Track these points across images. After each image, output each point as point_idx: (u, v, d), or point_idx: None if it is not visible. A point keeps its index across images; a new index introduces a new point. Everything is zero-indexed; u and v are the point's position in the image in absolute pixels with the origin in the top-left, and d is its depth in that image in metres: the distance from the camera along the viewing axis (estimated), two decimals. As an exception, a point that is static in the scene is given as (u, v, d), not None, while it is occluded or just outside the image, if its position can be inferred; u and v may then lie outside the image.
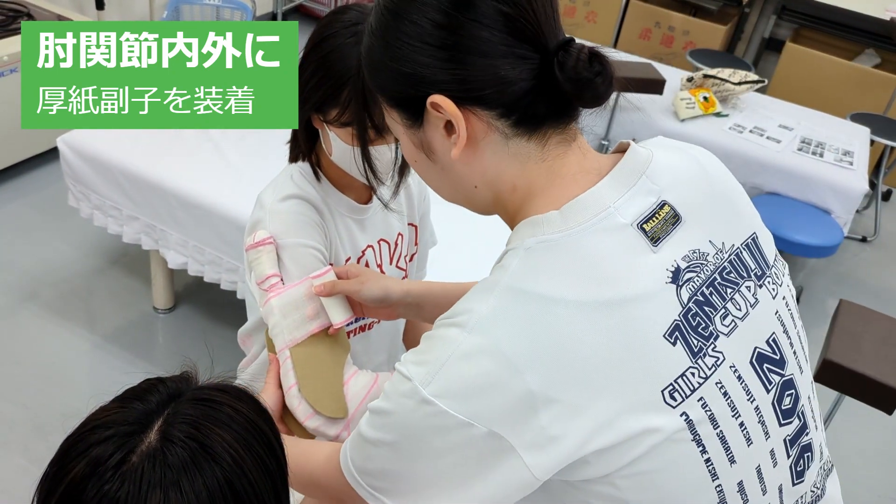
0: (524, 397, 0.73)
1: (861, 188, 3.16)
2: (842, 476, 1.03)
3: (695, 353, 0.77)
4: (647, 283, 0.76)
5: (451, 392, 0.75)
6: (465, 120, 0.77)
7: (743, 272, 0.85)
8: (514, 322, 0.74)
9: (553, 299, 0.74)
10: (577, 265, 0.76)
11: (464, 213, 2.31)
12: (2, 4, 3.36)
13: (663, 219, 0.79)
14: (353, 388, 1.11)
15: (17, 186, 3.35)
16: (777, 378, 0.86)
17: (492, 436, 0.74)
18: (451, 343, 0.76)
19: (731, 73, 3.50)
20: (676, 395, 0.76)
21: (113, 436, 0.66)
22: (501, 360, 0.73)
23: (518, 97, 0.76)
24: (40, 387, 2.49)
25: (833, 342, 2.02)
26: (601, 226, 0.77)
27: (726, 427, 0.79)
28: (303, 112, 1.15)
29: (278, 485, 0.72)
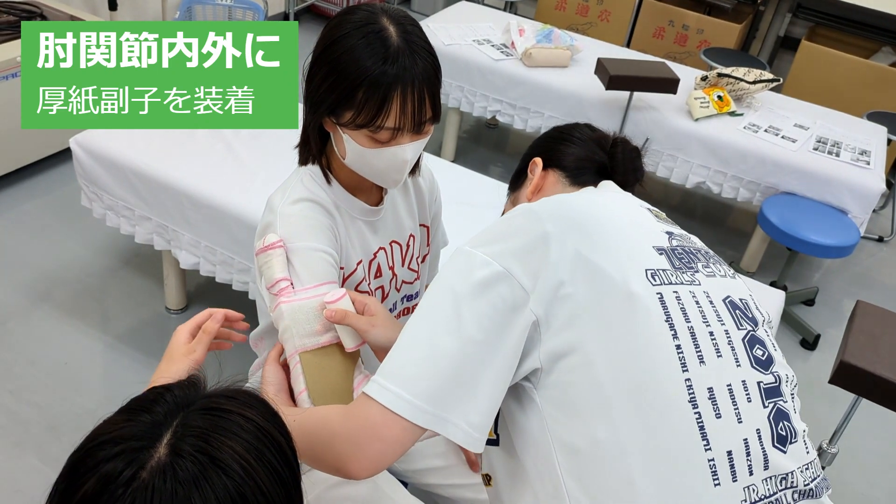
0: (539, 238, 0.91)
1: (878, 188, 3.12)
2: (859, 479, 1.02)
3: (675, 268, 0.95)
4: (651, 225, 1.01)
5: (486, 241, 0.94)
6: (543, 174, 1.22)
7: (719, 264, 1.05)
8: (553, 202, 0.97)
9: (585, 197, 1.02)
10: (604, 197, 1.09)
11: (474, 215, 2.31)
12: (15, 5, 3.38)
13: (661, 216, 1.07)
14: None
15: (30, 187, 3.37)
16: (748, 326, 0.96)
17: (507, 276, 0.89)
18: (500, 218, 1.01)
19: (746, 72, 3.47)
20: (656, 277, 0.92)
21: (122, 452, 0.65)
22: (532, 216, 0.94)
23: (582, 172, 1.21)
24: (53, 386, 2.50)
25: (850, 344, 1.99)
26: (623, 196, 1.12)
27: (697, 328, 0.90)
28: (315, 116, 1.14)
29: (292, 492, 0.71)
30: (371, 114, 1.08)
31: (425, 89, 1.09)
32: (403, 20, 1.11)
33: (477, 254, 0.92)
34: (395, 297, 1.35)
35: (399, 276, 1.34)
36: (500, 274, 0.90)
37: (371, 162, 1.14)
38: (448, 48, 3.54)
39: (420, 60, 1.08)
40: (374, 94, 1.06)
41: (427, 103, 1.10)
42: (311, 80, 1.13)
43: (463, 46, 3.57)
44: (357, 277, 1.25)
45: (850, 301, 3.45)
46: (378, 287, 1.30)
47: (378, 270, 1.29)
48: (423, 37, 1.12)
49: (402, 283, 1.35)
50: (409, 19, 1.12)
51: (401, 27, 1.09)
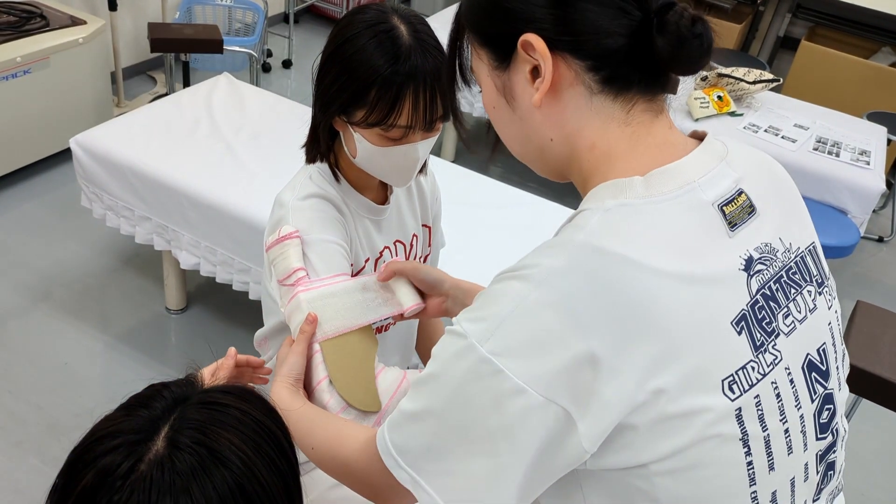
0: (585, 358, 0.69)
1: (878, 188, 3.12)
2: (859, 480, 1.01)
3: (756, 347, 0.75)
4: (722, 265, 0.74)
5: (511, 350, 0.71)
6: (553, 65, 0.75)
7: (806, 276, 0.84)
8: (588, 279, 0.70)
9: (633, 261, 0.70)
10: (658, 233, 0.73)
11: (474, 215, 2.30)
12: (15, 6, 3.38)
13: (741, 206, 0.78)
14: (383, 383, 1.10)
15: (30, 187, 3.37)
16: (821, 389, 0.84)
17: (547, 405, 0.70)
18: (515, 297, 0.72)
19: (746, 72, 3.47)
20: (735, 387, 0.73)
21: (120, 445, 0.65)
22: (568, 317, 0.69)
23: (611, 51, 0.74)
24: (53, 387, 2.50)
25: (850, 345, 1.99)
26: (684, 199, 0.75)
27: (773, 431, 0.77)
28: (326, 115, 1.15)
29: (290, 484, 0.72)
30: (383, 112, 1.09)
31: (437, 87, 1.11)
32: (413, 19, 1.12)
33: (506, 374, 0.71)
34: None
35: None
36: (541, 404, 0.71)
37: (382, 160, 1.15)
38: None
39: (431, 59, 1.10)
40: (387, 92, 1.07)
41: (438, 101, 1.12)
42: (321, 80, 1.14)
43: (463, 46, 3.56)
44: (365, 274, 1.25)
45: (850, 301, 3.44)
46: (383, 285, 1.30)
47: (384, 269, 1.30)
48: (432, 35, 1.13)
49: (406, 283, 1.36)
50: (419, 18, 1.13)
51: (411, 26, 1.10)
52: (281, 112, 2.85)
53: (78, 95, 3.44)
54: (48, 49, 3.23)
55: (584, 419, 0.71)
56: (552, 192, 2.97)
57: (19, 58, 3.12)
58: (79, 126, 2.83)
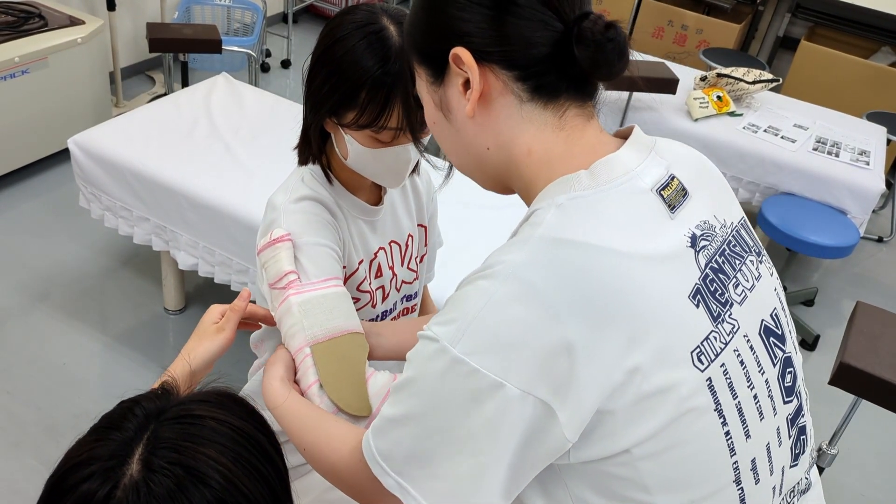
0: (560, 347, 0.70)
1: (877, 188, 3.12)
2: (859, 480, 1.02)
3: (714, 318, 0.78)
4: (671, 244, 0.78)
5: (483, 347, 0.72)
6: (482, 76, 0.79)
7: (745, 247, 0.88)
8: (555, 268, 0.72)
9: (595, 246, 0.73)
10: (612, 219, 0.76)
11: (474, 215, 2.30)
12: (14, 6, 3.38)
13: (675, 189, 0.82)
14: (373, 387, 1.09)
15: (29, 187, 3.37)
16: (780, 353, 0.87)
17: (525, 397, 0.71)
18: (482, 295, 0.73)
19: (745, 72, 3.47)
20: (703, 357, 0.76)
21: (95, 472, 0.63)
22: (539, 307, 0.71)
23: (536, 61, 0.78)
24: (52, 387, 2.49)
25: (850, 345, 1.99)
26: (627, 186, 0.78)
27: (743, 398, 0.79)
28: (317, 116, 1.14)
29: (277, 488, 0.70)
30: (374, 114, 1.08)
31: None
32: (403, 19, 1.11)
33: (481, 373, 0.71)
34: (395, 297, 1.35)
35: (399, 276, 1.34)
36: (519, 397, 0.71)
37: (373, 162, 1.14)
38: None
39: None
40: (377, 94, 1.06)
41: None
42: (311, 81, 1.13)
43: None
44: (358, 277, 1.25)
45: (850, 302, 3.44)
46: (378, 287, 1.30)
47: (378, 270, 1.29)
48: None
49: (402, 283, 1.35)
50: None
51: (401, 26, 1.09)
52: (279, 112, 2.85)
53: (76, 95, 3.44)
54: (46, 49, 3.22)
55: (564, 408, 0.72)
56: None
57: (17, 58, 3.11)
58: (77, 126, 2.83)
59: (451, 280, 1.90)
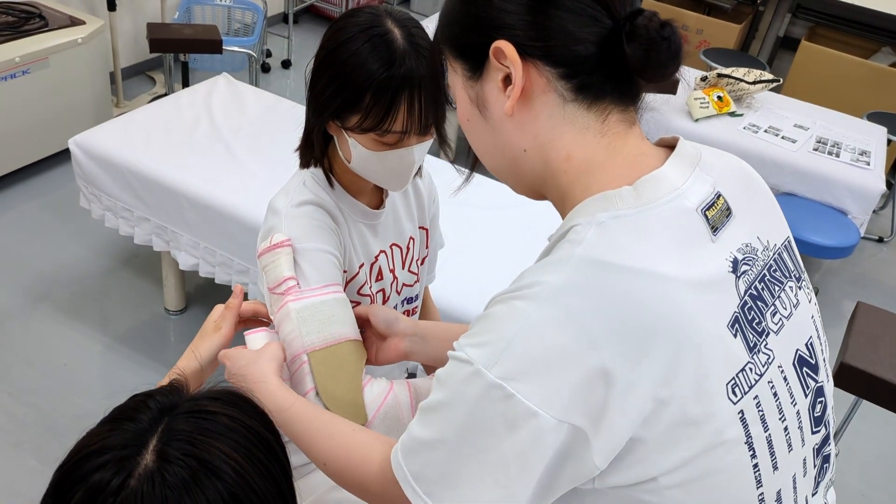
0: (597, 374, 0.68)
1: (878, 188, 3.12)
2: (859, 480, 1.02)
3: (751, 349, 0.75)
4: (712, 269, 0.74)
5: (520, 372, 0.69)
6: (524, 72, 0.75)
7: (785, 272, 0.84)
8: (594, 293, 0.69)
9: (637, 271, 0.70)
10: (656, 241, 0.72)
11: (474, 215, 2.30)
12: (14, 6, 3.37)
13: (720, 209, 0.78)
14: (369, 395, 1.09)
15: (29, 187, 3.37)
16: (812, 383, 0.84)
17: (560, 425, 0.69)
18: (519, 317, 0.70)
19: (746, 73, 3.47)
20: (737, 390, 0.73)
21: (109, 461, 0.64)
22: (578, 333, 0.68)
23: (582, 58, 0.74)
24: (52, 388, 2.49)
25: (850, 345, 1.99)
26: (672, 206, 0.74)
27: (773, 430, 0.77)
28: (320, 119, 1.14)
29: (283, 488, 0.71)
30: (378, 117, 1.07)
31: None
32: (407, 22, 1.11)
33: (517, 398, 0.70)
34: (395, 300, 1.35)
35: (399, 279, 1.33)
36: (554, 426, 0.70)
37: (377, 165, 1.14)
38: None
39: (426, 62, 1.08)
40: (382, 98, 1.06)
41: None
42: (315, 85, 1.12)
43: (462, 47, 3.57)
44: (359, 281, 1.25)
45: (850, 302, 3.44)
46: (379, 290, 1.30)
47: (379, 273, 1.29)
48: (427, 38, 1.11)
49: (403, 286, 1.35)
50: (413, 21, 1.12)
51: (405, 29, 1.09)
52: (280, 112, 2.85)
53: (77, 96, 3.44)
54: (47, 49, 3.22)
55: (598, 435, 0.70)
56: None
57: (18, 58, 3.11)
58: (78, 126, 2.83)
59: (450, 280, 1.90)
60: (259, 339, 1.08)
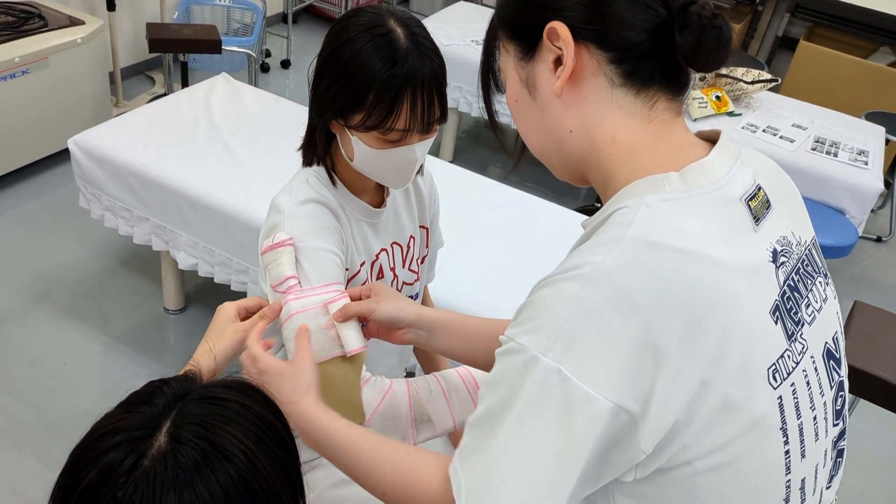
0: (649, 355, 0.68)
1: (876, 188, 3.13)
2: (858, 479, 1.02)
3: (789, 337, 0.77)
4: (755, 257, 0.76)
5: (577, 355, 0.68)
6: (576, 54, 0.77)
7: (815, 268, 0.86)
8: (646, 272, 0.69)
9: (689, 252, 0.70)
10: (704, 226, 0.73)
11: (473, 215, 2.30)
12: (13, 6, 3.38)
13: (761, 201, 0.79)
14: (368, 395, 1.10)
15: (29, 187, 3.37)
16: (836, 377, 0.86)
17: (617, 410, 0.69)
18: (571, 299, 0.70)
19: (744, 72, 3.47)
20: (777, 375, 0.75)
21: (122, 441, 0.65)
22: (632, 314, 0.68)
23: (633, 44, 0.76)
24: (52, 387, 2.50)
25: (848, 345, 1.99)
26: (718, 193, 0.76)
27: (805, 418, 0.78)
28: (323, 118, 1.15)
29: (292, 477, 0.72)
30: (381, 116, 1.09)
31: (434, 90, 1.11)
32: (410, 21, 1.12)
33: (573, 382, 0.69)
34: (383, 284, 1.36)
35: (400, 278, 1.34)
36: (610, 410, 0.69)
37: (380, 163, 1.15)
38: (447, 48, 3.53)
39: (428, 61, 1.10)
40: (385, 96, 1.07)
41: (436, 103, 1.12)
42: (318, 84, 1.14)
43: (461, 46, 3.57)
44: (360, 279, 1.25)
45: (849, 301, 3.44)
46: (379, 288, 1.31)
47: (380, 271, 1.30)
48: (429, 38, 1.13)
49: (403, 285, 1.36)
50: (415, 20, 1.13)
51: (407, 29, 1.10)
52: (279, 112, 2.85)
53: (76, 96, 3.44)
54: (47, 49, 3.22)
55: (647, 419, 0.70)
56: (550, 192, 2.97)
57: (18, 58, 3.11)
58: (77, 126, 2.83)
59: (451, 279, 1.91)
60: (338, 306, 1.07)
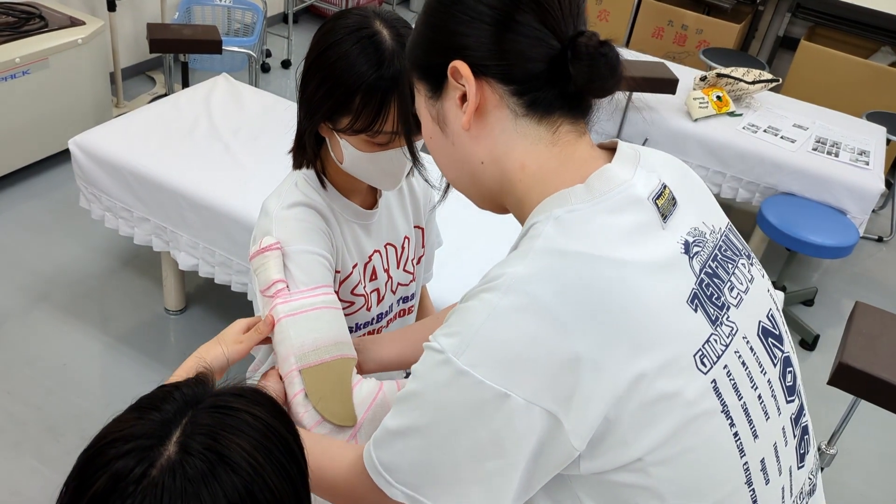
0: (565, 357, 0.71)
1: (877, 188, 3.12)
2: (859, 480, 1.03)
3: (713, 322, 0.80)
4: (666, 252, 0.79)
5: (487, 358, 0.73)
6: (478, 89, 0.80)
7: (735, 251, 0.89)
8: (557, 279, 0.73)
9: (596, 257, 0.75)
10: (610, 229, 0.77)
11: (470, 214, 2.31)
12: (14, 6, 3.38)
13: (667, 198, 0.83)
14: (358, 396, 1.10)
15: (30, 188, 3.37)
16: (779, 353, 0.89)
17: (530, 407, 0.72)
18: (486, 307, 0.74)
19: (745, 72, 3.47)
20: (706, 360, 0.77)
21: (132, 450, 0.65)
22: (542, 319, 0.72)
23: (531, 76, 0.79)
24: (52, 388, 2.50)
25: (849, 345, 1.99)
26: (624, 196, 0.79)
27: (748, 398, 0.81)
28: (311, 122, 1.14)
29: (300, 489, 0.72)
30: (369, 119, 1.08)
31: None
32: (396, 23, 1.11)
33: (486, 384, 0.73)
34: (390, 300, 1.35)
35: (394, 279, 1.34)
36: (524, 406, 0.73)
37: (369, 166, 1.14)
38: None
39: None
40: (372, 99, 1.06)
41: None
42: (305, 87, 1.13)
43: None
44: (353, 281, 1.25)
45: (850, 301, 3.44)
46: (374, 290, 1.30)
47: (373, 273, 1.29)
48: None
49: (398, 286, 1.35)
50: (402, 21, 1.12)
51: (394, 30, 1.09)
52: (279, 112, 2.85)
53: (77, 96, 3.44)
54: (47, 50, 3.23)
55: (569, 416, 0.73)
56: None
57: (18, 58, 3.12)
58: (78, 127, 2.83)
59: (450, 280, 1.91)
60: None
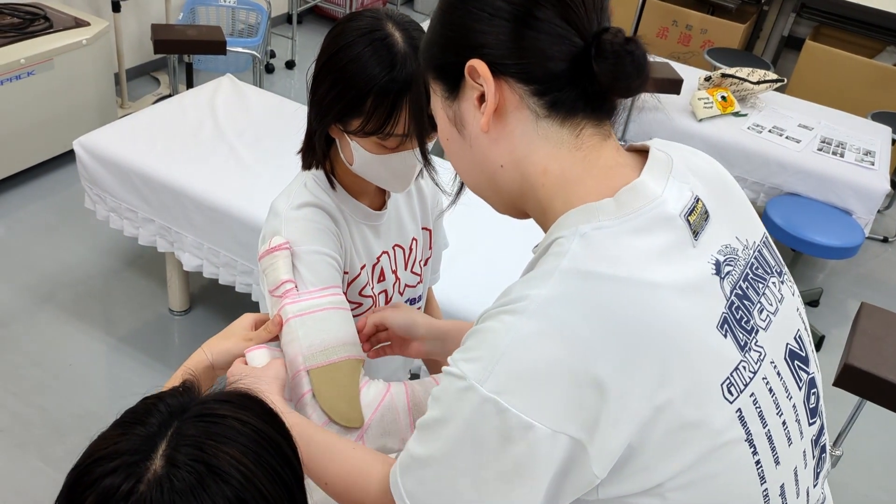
0: (590, 384, 0.69)
1: (882, 188, 3.11)
2: (861, 481, 1.02)
3: (742, 347, 0.77)
4: (696, 273, 0.75)
5: (512, 385, 0.70)
6: (497, 90, 0.77)
7: (767, 268, 0.86)
8: (582, 303, 0.71)
9: (624, 279, 0.71)
10: (639, 249, 0.73)
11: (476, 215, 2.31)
12: (19, 7, 3.39)
13: (700, 213, 0.79)
14: (366, 397, 1.10)
15: (34, 188, 3.38)
16: (805, 376, 0.86)
17: (555, 436, 0.70)
18: (508, 331, 0.72)
19: (750, 72, 3.46)
20: (733, 389, 0.75)
21: (119, 466, 0.65)
22: (568, 345, 0.70)
23: (553, 76, 0.76)
24: (57, 388, 2.50)
25: (854, 346, 1.98)
26: (654, 213, 0.75)
27: (772, 425, 0.78)
28: (322, 123, 1.14)
29: (294, 492, 0.71)
30: (380, 121, 1.08)
31: None
32: (408, 25, 1.10)
33: (511, 412, 0.70)
34: (398, 301, 1.35)
35: (402, 280, 1.34)
36: (549, 436, 0.70)
37: (379, 168, 1.14)
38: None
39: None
40: (383, 102, 1.06)
41: None
42: (316, 89, 1.13)
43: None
44: (361, 282, 1.25)
45: (855, 302, 3.43)
46: (381, 291, 1.30)
47: (381, 274, 1.29)
48: None
49: (406, 287, 1.35)
50: (414, 24, 1.12)
51: (406, 32, 1.09)
52: (284, 113, 2.85)
53: (81, 97, 3.45)
54: (52, 51, 3.23)
55: (594, 444, 0.70)
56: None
57: (23, 59, 3.12)
58: (82, 128, 2.84)
59: (455, 281, 1.90)
60: (261, 357, 1.08)
